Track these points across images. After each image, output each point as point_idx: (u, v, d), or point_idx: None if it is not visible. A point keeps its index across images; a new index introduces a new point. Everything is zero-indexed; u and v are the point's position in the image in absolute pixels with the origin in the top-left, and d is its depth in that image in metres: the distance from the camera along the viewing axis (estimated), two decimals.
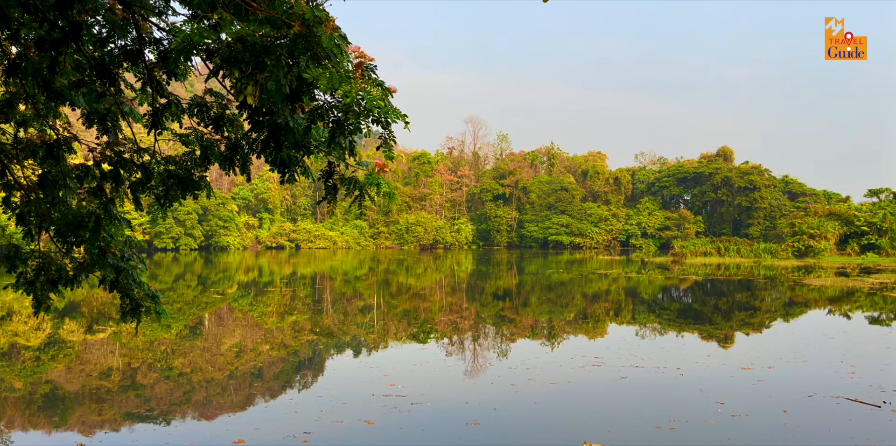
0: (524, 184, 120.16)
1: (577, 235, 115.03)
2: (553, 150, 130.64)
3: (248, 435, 9.36)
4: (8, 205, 7.07)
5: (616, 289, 35.14)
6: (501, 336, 19.58)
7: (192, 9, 4.85)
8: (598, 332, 20.23)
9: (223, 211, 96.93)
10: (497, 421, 10.10)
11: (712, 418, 10.25)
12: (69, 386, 12.89)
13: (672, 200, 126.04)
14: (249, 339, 18.62)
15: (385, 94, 3.98)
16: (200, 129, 6.62)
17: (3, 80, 6.59)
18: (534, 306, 27.52)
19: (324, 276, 46.17)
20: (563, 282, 40.60)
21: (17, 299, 26.46)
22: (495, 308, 26.79)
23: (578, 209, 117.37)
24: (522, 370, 13.83)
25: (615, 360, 14.88)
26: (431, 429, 9.64)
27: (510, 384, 12.54)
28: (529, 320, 23.03)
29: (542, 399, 11.50)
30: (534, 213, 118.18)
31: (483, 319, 23.47)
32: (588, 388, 12.43)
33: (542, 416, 10.47)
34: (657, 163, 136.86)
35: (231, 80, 4.44)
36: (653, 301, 29.82)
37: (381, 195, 5.47)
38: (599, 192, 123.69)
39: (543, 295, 32.81)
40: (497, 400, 11.32)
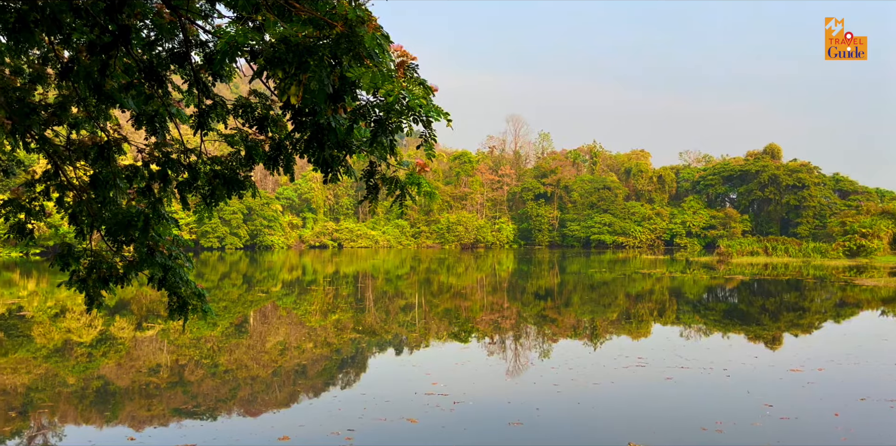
0: (566, 182, 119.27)
1: (620, 234, 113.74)
2: (595, 149, 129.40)
3: (293, 431, 9.47)
4: (61, 205, 7.27)
5: (660, 289, 34.65)
6: (543, 335, 19.47)
7: (236, 11, 4.92)
8: (641, 332, 19.97)
9: (268, 210, 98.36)
10: (540, 420, 10.04)
11: (760, 420, 10.03)
12: (119, 382, 13.22)
13: (717, 199, 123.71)
14: (293, 337, 18.86)
15: (427, 93, 3.99)
16: (245, 130, 6.72)
17: (56, 84, 6.79)
18: (576, 306, 27.30)
19: (366, 275, 46.52)
20: (606, 281, 40.19)
21: (70, 296, 27.24)
22: (537, 307, 26.65)
23: (621, 208, 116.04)
24: (565, 370, 13.73)
25: (659, 361, 14.66)
26: (474, 428, 9.64)
27: (553, 384, 12.46)
28: (571, 320, 22.85)
29: (585, 399, 11.39)
30: (576, 212, 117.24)
31: (524, 319, 23.37)
32: (632, 389, 12.27)
33: (586, 416, 10.37)
34: (702, 161, 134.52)
35: (275, 81, 4.49)
36: (698, 301, 29.31)
37: (422, 194, 5.47)
38: (643, 191, 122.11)
39: (586, 294, 32.53)
40: (539, 400, 11.25)
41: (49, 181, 7.18)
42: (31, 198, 7.38)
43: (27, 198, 7.35)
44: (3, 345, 17.08)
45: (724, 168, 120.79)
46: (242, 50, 4.05)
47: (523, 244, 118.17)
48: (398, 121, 4.43)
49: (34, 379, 13.35)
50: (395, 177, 5.96)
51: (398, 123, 4.50)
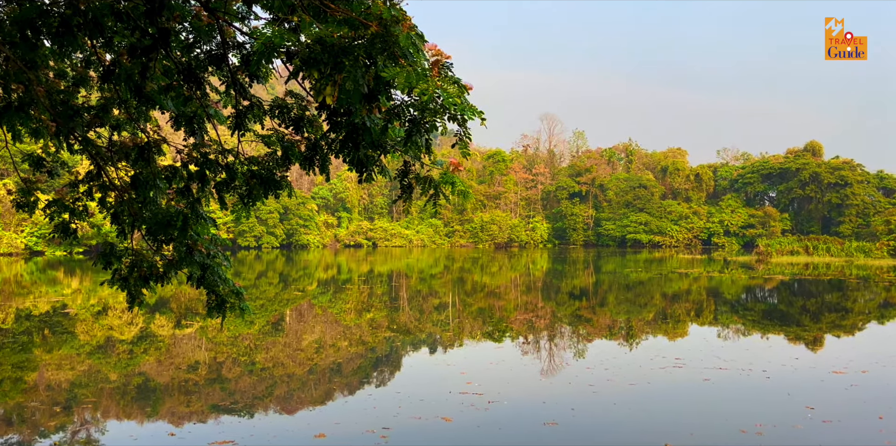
0: (601, 181, 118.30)
1: (657, 233, 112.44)
2: (631, 147, 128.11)
3: (329, 429, 9.55)
4: (103, 205, 7.44)
5: (697, 289, 34.17)
6: (578, 335, 19.33)
7: (272, 12, 4.98)
8: (678, 333, 19.71)
9: (303, 210, 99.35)
10: (575, 421, 9.98)
11: (801, 423, 9.83)
12: (160, 379, 13.47)
13: (756, 197, 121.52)
14: (328, 335, 19.02)
15: (461, 92, 3.99)
16: (281, 130, 6.79)
17: (98, 86, 6.94)
18: (611, 306, 27.06)
19: (400, 274, 46.70)
20: (642, 281, 39.76)
21: (112, 294, 27.84)
22: (571, 307, 26.48)
23: (658, 207, 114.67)
24: (601, 370, 13.62)
25: (697, 362, 14.46)
26: (509, 428, 9.61)
27: (588, 384, 12.37)
28: (607, 320, 22.65)
29: (621, 400, 11.29)
30: (611, 211, 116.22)
31: (559, 318, 23.23)
32: (669, 390, 12.12)
33: (622, 417, 10.28)
34: (740, 159, 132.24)
35: (310, 82, 4.53)
36: (736, 301, 28.84)
37: (456, 194, 5.47)
38: (679, 189, 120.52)
39: (621, 294, 32.23)
40: (575, 400, 11.18)
41: (92, 181, 7.35)
42: (75, 198, 7.56)
43: (71, 199, 7.53)
44: (49, 342, 17.53)
45: (763, 166, 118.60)
46: (279, 51, 4.09)
47: (558, 243, 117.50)
48: (433, 120, 4.43)
49: (78, 374, 13.67)
50: (428, 176, 5.97)
51: (433, 122, 4.50)
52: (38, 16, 5.46)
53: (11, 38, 5.87)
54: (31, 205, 7.61)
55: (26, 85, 6.43)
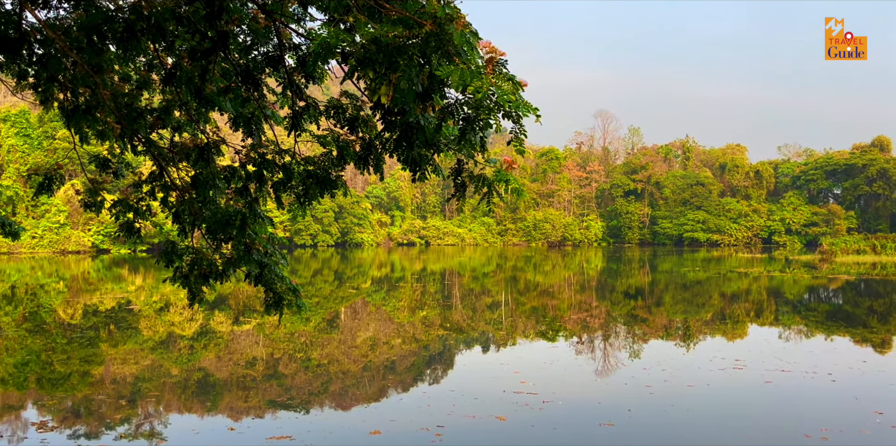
0: (657, 178, 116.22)
1: (715, 232, 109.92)
2: (688, 144, 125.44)
3: (384, 426, 9.63)
4: (165, 205, 7.65)
5: (757, 289, 33.27)
6: (633, 335, 19.04)
7: (328, 13, 5.03)
8: (738, 334, 19.23)
9: (357, 209, 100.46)
10: (631, 422, 9.82)
11: (869, 428, 9.47)
12: (219, 374, 13.79)
13: (820, 194, 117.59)
14: (382, 333, 19.18)
15: (516, 88, 3.95)
16: (337, 130, 6.87)
17: (160, 89, 7.13)
18: (668, 305, 26.57)
19: (452, 273, 46.78)
20: (700, 280, 38.92)
21: (173, 291, 28.65)
22: (627, 307, 26.10)
23: (716, 204, 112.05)
24: (657, 371, 13.38)
25: (758, 364, 14.07)
26: (563, 428, 9.52)
27: (645, 385, 12.16)
28: (663, 320, 22.25)
29: (679, 401, 11.06)
30: (667, 209, 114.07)
31: (614, 318, 22.93)
32: (729, 392, 11.83)
33: (680, 419, 10.07)
34: (803, 155, 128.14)
35: (365, 81, 4.56)
36: (798, 301, 27.97)
37: (510, 191, 5.44)
38: (738, 187, 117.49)
39: (678, 294, 31.61)
40: (631, 401, 11.01)
41: (154, 182, 7.56)
42: (139, 198, 7.79)
43: (135, 199, 7.76)
44: (114, 337, 18.14)
45: (827, 162, 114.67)
46: (334, 51, 4.13)
47: (612, 242, 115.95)
48: (487, 117, 4.41)
49: (141, 369, 14.11)
50: (482, 174, 5.96)
51: (487, 120, 4.49)
52: (103, 21, 5.64)
53: (79, 43, 6.08)
54: (98, 205, 7.87)
55: (93, 88, 6.65)
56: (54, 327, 19.92)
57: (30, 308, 25.01)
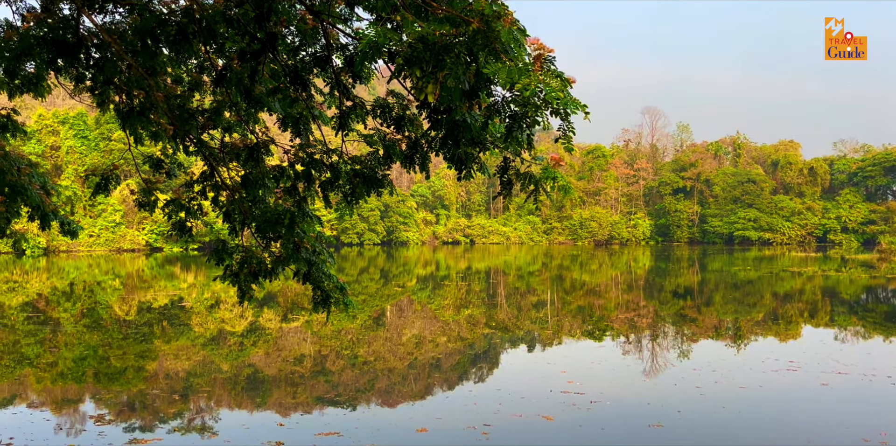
0: (707, 176, 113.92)
1: (767, 230, 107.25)
2: (739, 140, 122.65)
3: (430, 424, 9.65)
4: (216, 204, 7.80)
5: (811, 289, 32.36)
6: (682, 335, 18.71)
7: (375, 12, 5.06)
8: (791, 334, 18.73)
9: (403, 208, 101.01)
10: (681, 423, 9.65)
11: None
12: (268, 370, 14.02)
13: (878, 191, 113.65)
14: (427, 331, 19.24)
15: (564, 85, 3.91)
16: (383, 130, 6.91)
17: (211, 90, 7.27)
18: (718, 305, 26.04)
19: (497, 271, 46.67)
20: (751, 280, 38.04)
21: (224, 289, 29.23)
22: (675, 306, 25.66)
23: (768, 202, 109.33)
24: (708, 372, 13.12)
25: (813, 365, 13.69)
26: (612, 429, 9.41)
27: (695, 386, 11.94)
28: (713, 320, 21.81)
29: (730, 403, 10.83)
30: (717, 207, 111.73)
31: (662, 318, 22.57)
32: (783, 394, 11.53)
33: (731, 421, 9.86)
34: (860, 151, 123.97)
35: (412, 80, 4.57)
36: (855, 302, 27.11)
37: (557, 189, 5.39)
38: (791, 184, 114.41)
39: (728, 293, 30.95)
40: (681, 402, 10.82)
41: (205, 181, 7.72)
42: (190, 197, 7.96)
43: (186, 198, 7.93)
44: (167, 333, 18.59)
45: (885, 158, 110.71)
46: (382, 51, 4.15)
47: (661, 240, 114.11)
48: (535, 114, 4.38)
49: (193, 365, 14.42)
50: (529, 172, 5.92)
51: (535, 118, 4.46)
52: (157, 24, 5.78)
53: (133, 47, 6.24)
54: (152, 205, 8.06)
55: (147, 91, 6.82)
56: (110, 323, 20.52)
57: (87, 304, 25.82)
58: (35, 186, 7.74)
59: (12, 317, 21.69)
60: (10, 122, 7.95)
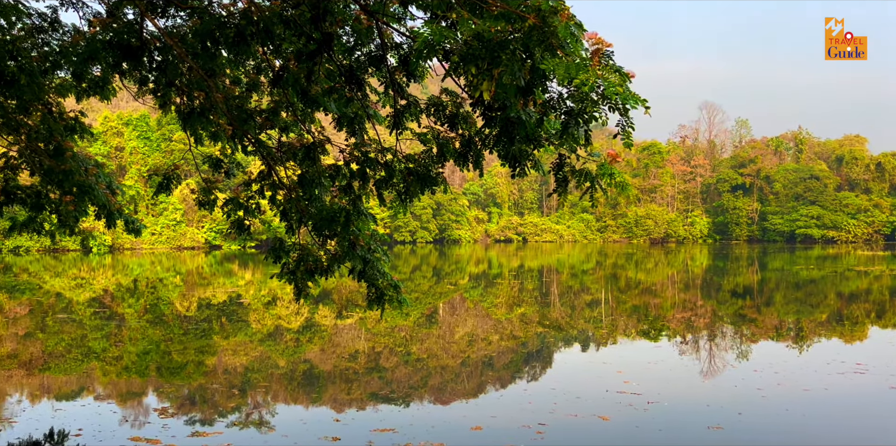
0: (767, 172, 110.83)
1: (831, 228, 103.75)
2: (801, 135, 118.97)
3: (485, 422, 9.64)
4: (273, 203, 7.94)
5: (879, 289, 31.16)
6: (742, 336, 18.24)
7: (430, 10, 5.07)
8: (857, 336, 18.08)
9: (455, 206, 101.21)
10: (742, 426, 9.41)
11: None
12: (323, 366, 14.21)
13: None
14: (480, 329, 19.23)
15: (623, 80, 3.85)
16: (437, 128, 6.93)
17: (269, 91, 7.41)
18: (778, 305, 25.31)
19: (550, 269, 46.34)
20: (814, 279, 36.86)
21: (280, 286, 29.77)
22: (734, 306, 25.04)
23: (832, 199, 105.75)
24: (770, 373, 12.76)
25: (882, 368, 13.18)
26: (669, 430, 9.24)
27: (756, 388, 11.62)
28: (774, 320, 21.21)
29: (794, 406, 10.50)
30: (778, 204, 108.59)
31: (720, 318, 22.05)
32: (849, 397, 11.14)
33: (795, 425, 9.56)
34: None
35: (467, 78, 4.57)
36: None
37: (615, 186, 5.31)
38: (857, 180, 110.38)
39: (790, 293, 30.05)
40: (742, 405, 10.54)
41: (263, 181, 7.87)
42: (248, 196, 8.13)
43: (245, 197, 8.10)
44: (225, 329, 19.04)
45: None
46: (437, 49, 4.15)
47: (718, 239, 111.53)
48: (593, 110, 4.33)
49: (251, 360, 14.73)
50: (584, 169, 5.85)
51: (592, 113, 4.40)
52: (216, 27, 5.90)
53: (194, 49, 6.39)
54: (211, 204, 8.26)
55: (207, 92, 6.98)
56: (172, 319, 21.12)
57: (150, 300, 26.64)
58: (101, 186, 8.02)
59: (80, 312, 22.53)
60: (78, 124, 8.25)
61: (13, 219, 8.60)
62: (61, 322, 20.03)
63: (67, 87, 7.75)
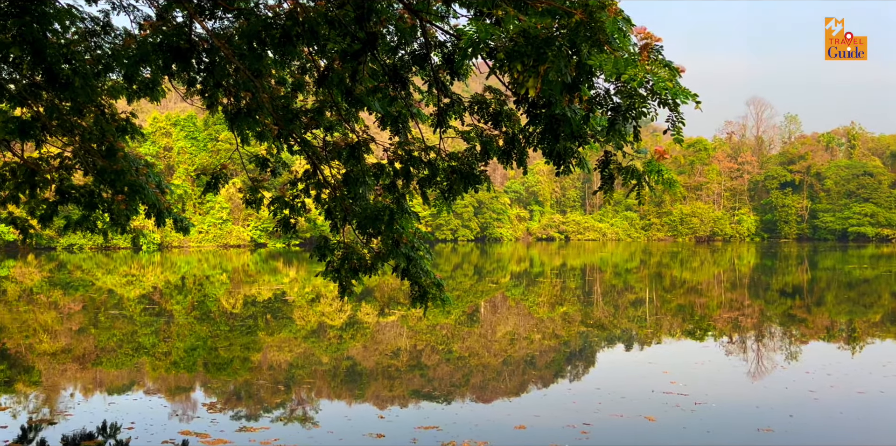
0: (817, 169, 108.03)
1: (886, 226, 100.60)
2: (853, 131, 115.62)
3: (528, 421, 9.59)
4: (318, 201, 8.02)
5: None
6: (791, 336, 17.81)
7: (474, 8, 5.05)
8: None
9: (496, 204, 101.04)
10: (794, 428, 9.18)
11: None
12: (365, 363, 14.32)
13: None
14: (522, 327, 19.14)
15: (673, 75, 3.78)
16: (480, 126, 6.91)
17: (314, 91, 7.48)
18: (830, 305, 24.64)
19: (593, 268, 45.91)
20: (867, 279, 35.79)
21: (323, 283, 30.08)
22: (783, 306, 24.47)
23: (887, 196, 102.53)
24: (822, 375, 12.43)
25: None
26: (718, 431, 9.06)
27: (808, 390, 11.33)
28: (825, 321, 20.66)
29: (848, 409, 10.21)
30: (829, 202, 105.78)
31: (769, 318, 21.57)
32: None
33: (849, 428, 9.30)
34: None
35: (512, 75, 4.54)
36: None
37: (663, 183, 5.23)
38: None
39: (842, 293, 29.23)
40: (793, 407, 10.29)
41: (308, 180, 7.95)
42: (294, 195, 8.22)
43: (291, 196, 8.20)
44: (270, 326, 19.32)
45: None
46: (482, 46, 4.13)
47: (767, 237, 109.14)
48: (643, 106, 4.27)
49: (295, 357, 14.92)
50: (631, 166, 5.77)
51: (642, 109, 4.34)
52: (262, 28, 5.98)
53: (240, 51, 6.48)
54: (258, 202, 8.38)
55: (253, 92, 7.08)
56: (218, 315, 21.52)
57: (197, 297, 27.18)
58: (152, 185, 8.20)
59: (130, 308, 23.11)
60: (130, 125, 8.45)
61: (68, 217, 8.86)
62: (113, 318, 20.57)
63: (119, 89, 7.95)
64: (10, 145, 8.65)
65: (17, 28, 6.16)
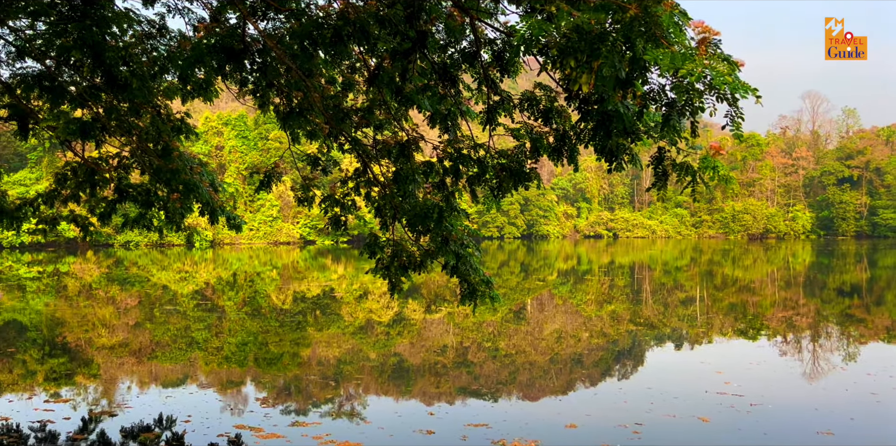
0: (877, 164, 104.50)
1: None
2: None
3: (579, 420, 9.50)
4: (368, 199, 8.08)
5: None
6: (850, 337, 17.27)
7: (525, 4, 5.02)
8: None
9: (543, 201, 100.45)
10: (855, 432, 8.90)
11: None
12: (412, 360, 14.39)
13: None
14: (569, 326, 18.99)
15: (732, 69, 3.69)
16: (530, 123, 6.86)
17: (364, 90, 7.53)
18: (890, 305, 23.81)
19: (642, 266, 45.27)
20: None
21: (371, 280, 30.34)
22: (840, 305, 23.74)
23: None
24: (884, 377, 12.02)
25: None
26: (775, 433, 8.84)
27: (870, 392, 10.97)
28: (885, 321, 19.97)
29: None
30: (890, 198, 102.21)
31: (825, 317, 20.96)
32: None
33: None
34: None
35: (564, 71, 4.49)
36: None
37: (719, 180, 5.11)
38: None
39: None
40: (854, 409, 9.98)
41: (359, 178, 8.02)
42: (344, 193, 8.30)
43: (341, 194, 8.28)
44: (319, 322, 19.56)
45: None
46: (535, 43, 4.10)
47: (823, 234, 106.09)
48: (701, 101, 4.19)
49: (344, 352, 15.08)
50: (685, 162, 5.66)
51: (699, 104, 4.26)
52: (314, 28, 6.04)
53: (292, 51, 6.57)
54: (310, 200, 8.49)
55: (304, 92, 7.16)
56: (268, 311, 21.89)
57: (248, 293, 27.70)
58: (205, 184, 8.37)
59: (184, 304, 23.68)
60: (184, 125, 8.64)
61: (125, 215, 9.11)
62: (167, 313, 21.11)
63: (174, 90, 8.13)
64: (72, 145, 8.93)
65: (78, 32, 6.35)
